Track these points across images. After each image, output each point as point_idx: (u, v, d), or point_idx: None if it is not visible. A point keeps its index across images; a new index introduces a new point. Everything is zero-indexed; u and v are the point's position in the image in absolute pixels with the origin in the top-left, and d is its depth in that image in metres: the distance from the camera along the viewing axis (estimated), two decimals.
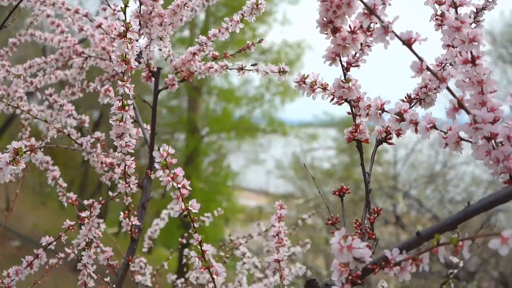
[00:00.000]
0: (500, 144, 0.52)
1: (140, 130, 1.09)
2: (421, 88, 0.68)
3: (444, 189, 6.74)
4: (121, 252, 1.11)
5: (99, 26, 1.05)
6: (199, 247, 0.65)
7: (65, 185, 1.10)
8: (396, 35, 0.50)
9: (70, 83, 1.20)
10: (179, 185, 0.62)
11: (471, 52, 0.53)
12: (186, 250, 1.12)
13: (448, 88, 0.51)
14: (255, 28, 11.43)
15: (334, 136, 11.25)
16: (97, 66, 1.23)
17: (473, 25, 0.72)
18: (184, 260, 1.36)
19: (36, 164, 1.14)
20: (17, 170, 0.68)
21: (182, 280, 1.34)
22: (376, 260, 0.53)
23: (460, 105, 0.51)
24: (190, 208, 0.63)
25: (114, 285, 0.93)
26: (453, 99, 0.51)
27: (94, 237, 0.97)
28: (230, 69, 0.98)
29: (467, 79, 0.54)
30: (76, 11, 1.09)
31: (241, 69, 0.95)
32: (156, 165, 0.61)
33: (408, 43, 0.50)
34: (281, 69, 0.84)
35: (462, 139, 0.54)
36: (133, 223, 0.97)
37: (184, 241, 1.39)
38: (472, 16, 0.73)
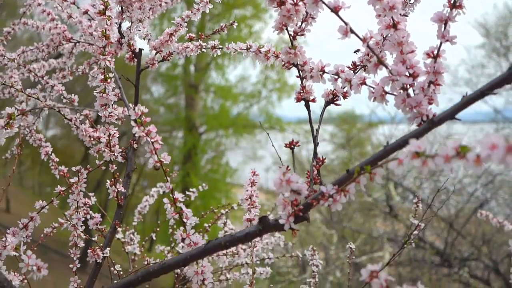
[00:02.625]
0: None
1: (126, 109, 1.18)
2: (364, 55, 0.77)
3: (436, 179, 6.85)
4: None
5: (86, 12, 1.14)
6: (171, 195, 0.74)
7: (57, 159, 1.19)
8: (325, 3, 0.60)
9: (62, 67, 1.30)
10: (153, 140, 0.71)
11: (392, 18, 0.63)
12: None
13: (368, 47, 0.61)
14: (251, 25, 11.54)
15: (332, 131, 11.36)
16: (85, 51, 1.33)
17: (412, 0, 0.82)
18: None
19: (30, 141, 1.24)
20: (11, 133, 0.77)
21: (168, 248, 1.44)
22: (315, 196, 0.63)
23: (379, 61, 0.61)
24: (162, 159, 0.72)
25: (101, 245, 1.03)
26: (374, 57, 0.61)
27: (84, 204, 1.08)
28: (204, 48, 1.07)
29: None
30: None
31: (214, 47, 1.05)
32: (132, 122, 0.71)
33: (335, 10, 0.60)
34: (248, 46, 0.94)
35: (386, 92, 0.64)
36: (119, 190, 1.06)
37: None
38: None
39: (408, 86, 0.60)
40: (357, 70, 0.78)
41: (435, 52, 0.62)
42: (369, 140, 11.06)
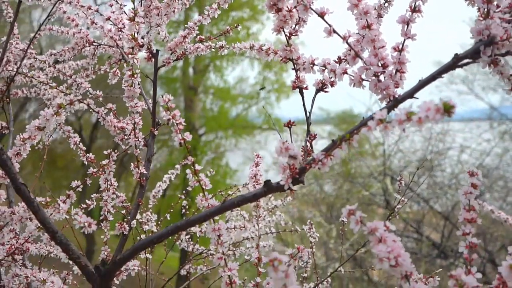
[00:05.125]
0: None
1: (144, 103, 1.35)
2: (347, 51, 0.94)
3: (433, 173, 7.04)
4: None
5: (108, 18, 1.31)
6: (193, 168, 0.91)
7: (84, 148, 1.36)
8: (313, 10, 0.77)
9: (85, 67, 1.47)
10: (177, 122, 0.88)
11: (366, 20, 0.80)
12: None
13: (348, 44, 0.78)
14: (249, 27, 11.74)
15: (330, 131, 11.54)
16: (106, 53, 1.49)
17: (386, 4, 0.99)
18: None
19: (60, 133, 1.40)
20: (59, 121, 0.94)
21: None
22: (308, 161, 0.80)
23: (356, 55, 0.78)
24: (185, 137, 0.89)
25: (129, 217, 1.19)
26: (352, 52, 0.78)
27: (110, 184, 1.24)
28: (213, 48, 1.24)
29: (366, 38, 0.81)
30: (89, 8, 1.35)
31: (221, 47, 1.22)
32: (161, 108, 0.87)
33: (321, 15, 0.77)
34: (251, 45, 1.11)
35: (363, 79, 0.81)
36: (141, 171, 1.23)
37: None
38: None
39: (379, 74, 0.77)
40: (342, 62, 0.95)
41: (400, 47, 0.79)
42: (367, 139, 11.24)
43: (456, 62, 0.71)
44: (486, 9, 0.70)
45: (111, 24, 1.36)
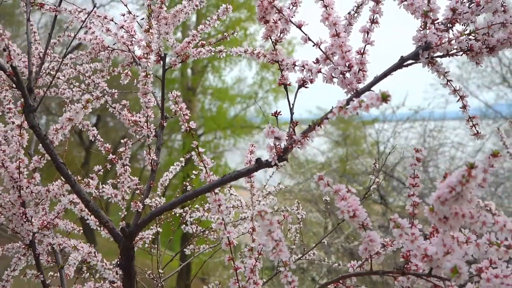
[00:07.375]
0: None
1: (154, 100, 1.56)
2: (321, 54, 1.15)
3: (427, 169, 7.25)
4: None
5: (122, 27, 1.51)
6: (197, 150, 1.12)
7: (102, 140, 1.57)
8: (292, 23, 0.97)
9: (101, 69, 1.67)
10: (184, 113, 1.09)
11: (335, 30, 1.00)
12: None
13: (320, 48, 0.98)
14: (246, 28, 11.93)
15: (328, 130, 11.75)
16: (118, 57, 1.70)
17: (356, 14, 1.19)
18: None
19: (79, 126, 1.60)
20: (87, 112, 1.14)
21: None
22: (290, 142, 1.01)
23: (327, 57, 0.98)
24: (190, 125, 1.10)
25: (143, 196, 1.40)
26: (322, 54, 0.99)
27: (125, 170, 1.45)
28: (214, 52, 1.45)
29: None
30: (105, 17, 1.56)
31: (220, 51, 1.43)
32: (170, 102, 1.08)
33: (299, 26, 0.98)
34: (245, 50, 1.31)
35: (333, 76, 1.01)
36: (153, 158, 1.44)
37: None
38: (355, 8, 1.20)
39: (345, 72, 0.98)
40: (318, 63, 1.15)
41: (362, 51, 0.99)
42: (364, 138, 11.44)
43: (402, 63, 0.92)
44: (424, 22, 0.91)
45: (124, 32, 1.56)
